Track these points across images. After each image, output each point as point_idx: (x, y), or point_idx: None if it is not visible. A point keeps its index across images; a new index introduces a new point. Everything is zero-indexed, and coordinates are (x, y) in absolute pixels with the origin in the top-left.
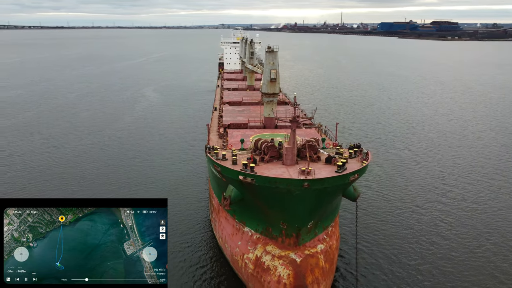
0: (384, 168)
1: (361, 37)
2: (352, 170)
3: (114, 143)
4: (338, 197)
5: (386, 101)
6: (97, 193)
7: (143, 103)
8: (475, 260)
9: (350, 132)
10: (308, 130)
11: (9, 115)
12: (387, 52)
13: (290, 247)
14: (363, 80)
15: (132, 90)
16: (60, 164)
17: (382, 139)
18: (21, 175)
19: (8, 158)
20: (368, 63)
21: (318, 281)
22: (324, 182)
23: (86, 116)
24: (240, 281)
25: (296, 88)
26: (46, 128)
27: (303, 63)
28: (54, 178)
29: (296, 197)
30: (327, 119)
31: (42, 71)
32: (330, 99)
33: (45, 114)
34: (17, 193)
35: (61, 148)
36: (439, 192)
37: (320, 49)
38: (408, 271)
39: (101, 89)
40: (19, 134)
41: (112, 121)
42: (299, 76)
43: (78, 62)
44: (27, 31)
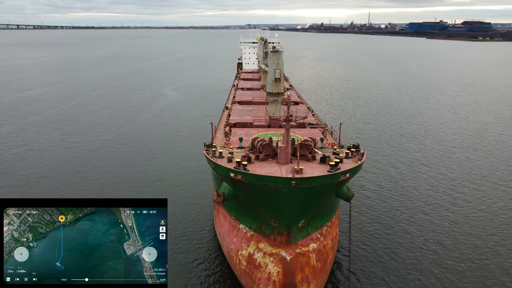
0: (395, 169)
1: (388, 38)
2: (342, 170)
3: (115, 143)
4: (330, 197)
5: (405, 102)
6: (97, 193)
7: (161, 102)
8: (476, 261)
9: (364, 133)
10: (312, 130)
11: (31, 113)
12: (413, 52)
13: (282, 245)
14: (384, 81)
15: (153, 89)
16: (60, 164)
17: (396, 140)
18: (21, 175)
19: (8, 158)
20: (392, 64)
21: (308, 279)
22: (312, 181)
23: (96, 116)
24: (235, 277)
25: (315, 88)
26: (51, 130)
27: (325, 63)
28: (54, 178)
29: (284, 195)
30: (343, 119)
31: (70, 70)
32: (348, 99)
33: (66, 112)
34: (17, 193)
35: (61, 148)
36: (449, 196)
37: (344, 49)
38: (405, 273)
39: (122, 88)
40: (26, 133)
41: (123, 121)
42: (320, 77)
43: (104, 62)
44: (59, 31)
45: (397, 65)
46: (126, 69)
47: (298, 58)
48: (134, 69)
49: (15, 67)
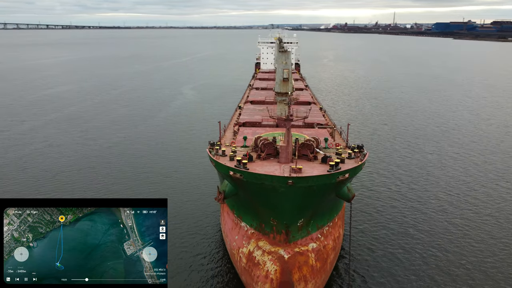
0: (407, 171)
1: (413, 38)
2: (341, 170)
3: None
4: (330, 197)
5: (424, 104)
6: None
7: (178, 101)
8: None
9: (379, 134)
10: (320, 130)
11: (45, 112)
12: (438, 53)
13: (281, 243)
14: (404, 82)
15: (171, 88)
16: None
17: (411, 141)
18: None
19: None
20: (414, 64)
21: (305, 279)
22: (309, 180)
23: (111, 115)
24: (237, 274)
25: (333, 88)
26: (57, 130)
27: (346, 63)
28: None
29: (281, 194)
30: (359, 120)
31: (93, 68)
32: (366, 100)
33: (82, 111)
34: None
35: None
36: (461, 200)
37: (366, 49)
38: (406, 279)
39: (142, 87)
40: (31, 133)
41: (137, 120)
42: (339, 77)
43: (126, 61)
44: (86, 31)
45: (420, 65)
46: (148, 68)
47: (318, 58)
48: (155, 68)
49: (41, 66)
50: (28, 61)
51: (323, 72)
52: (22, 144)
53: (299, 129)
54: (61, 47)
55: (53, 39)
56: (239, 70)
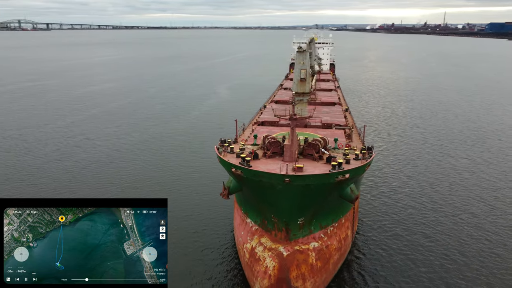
0: (436, 176)
1: (464, 39)
2: (340, 170)
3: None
4: (333, 197)
5: (465, 107)
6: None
7: (211, 99)
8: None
9: (409, 137)
10: (336, 131)
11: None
12: (489, 54)
13: (281, 241)
14: (447, 84)
15: (207, 87)
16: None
17: (443, 145)
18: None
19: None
20: (461, 66)
21: (304, 277)
22: (305, 179)
23: (140, 113)
24: (242, 269)
25: (369, 89)
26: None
27: (387, 64)
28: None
29: (279, 191)
30: (390, 122)
31: (136, 67)
32: (402, 102)
33: (107, 110)
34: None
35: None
36: (489, 206)
37: (412, 50)
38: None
39: (179, 85)
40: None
41: (165, 118)
42: (377, 78)
43: (169, 60)
44: (135, 31)
45: (466, 68)
46: (188, 67)
47: (359, 59)
48: (195, 67)
49: (89, 64)
50: (77, 60)
51: (362, 73)
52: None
53: (315, 129)
54: (109, 46)
55: (103, 39)
56: (277, 70)
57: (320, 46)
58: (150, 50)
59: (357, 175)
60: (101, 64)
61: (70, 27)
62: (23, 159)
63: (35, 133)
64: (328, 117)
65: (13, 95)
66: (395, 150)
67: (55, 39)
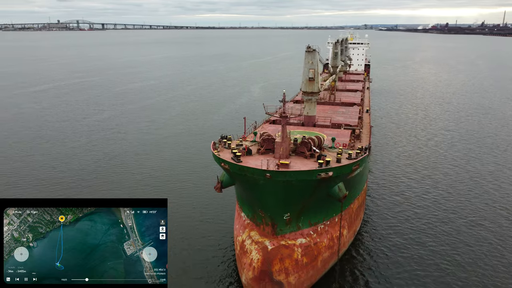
0: (463, 181)
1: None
2: (323, 168)
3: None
4: (320, 195)
5: (506, 113)
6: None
7: (242, 98)
8: None
9: (436, 140)
10: (343, 131)
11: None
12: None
13: (268, 235)
14: (493, 88)
15: (242, 86)
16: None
17: (473, 149)
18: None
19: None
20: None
21: (287, 271)
22: (286, 174)
23: (160, 112)
24: None
25: (405, 91)
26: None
27: (432, 66)
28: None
29: (263, 186)
30: (419, 124)
31: (178, 65)
32: (437, 105)
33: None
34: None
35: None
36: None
37: (463, 51)
38: None
39: (216, 84)
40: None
41: (188, 117)
42: (418, 80)
43: (212, 59)
44: (184, 31)
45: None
46: (229, 66)
47: (403, 60)
48: (236, 66)
49: (135, 62)
50: (124, 58)
51: (403, 74)
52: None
53: (321, 128)
54: (156, 45)
55: (151, 38)
56: None
57: (354, 46)
58: (196, 49)
59: (343, 173)
60: (145, 63)
61: (124, 27)
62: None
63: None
64: (341, 118)
65: (60, 91)
66: (418, 152)
67: (106, 39)
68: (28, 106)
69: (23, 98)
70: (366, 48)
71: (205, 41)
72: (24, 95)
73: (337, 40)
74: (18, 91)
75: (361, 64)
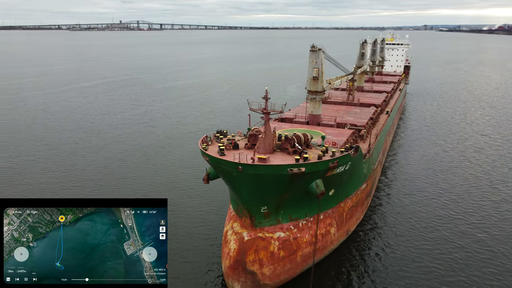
0: (485, 189)
1: None
2: (296, 163)
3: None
4: (298, 190)
5: None
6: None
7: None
8: None
9: (467, 144)
10: (345, 131)
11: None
12: None
13: (247, 227)
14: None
15: (279, 85)
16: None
17: (506, 156)
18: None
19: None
20: None
21: (261, 262)
22: (257, 168)
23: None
24: None
25: (449, 94)
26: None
27: (486, 69)
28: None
29: (236, 179)
30: (453, 128)
31: (223, 64)
32: (479, 109)
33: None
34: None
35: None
36: None
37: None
38: None
39: (252, 83)
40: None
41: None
42: (465, 82)
43: (257, 59)
44: (238, 31)
45: None
46: (272, 66)
47: (456, 62)
48: (279, 66)
49: (182, 61)
50: (173, 57)
51: (451, 76)
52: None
53: (324, 127)
54: (207, 45)
55: (204, 38)
56: None
57: (394, 47)
58: (244, 49)
59: (318, 170)
60: (192, 61)
61: (180, 27)
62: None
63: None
64: (351, 118)
65: (108, 86)
66: (442, 155)
67: (161, 39)
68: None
69: (72, 93)
70: (406, 49)
71: (257, 41)
72: (74, 90)
73: (365, 40)
74: (70, 86)
75: (400, 65)
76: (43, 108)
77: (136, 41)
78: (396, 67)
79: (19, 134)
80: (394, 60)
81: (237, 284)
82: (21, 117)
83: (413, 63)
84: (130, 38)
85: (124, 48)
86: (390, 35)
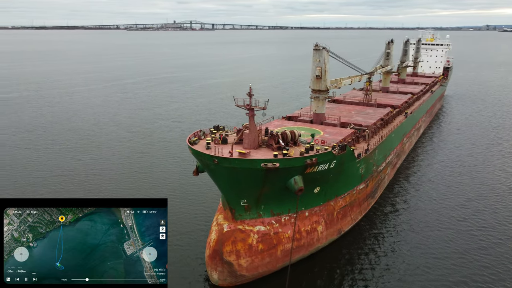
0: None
1: None
2: (271, 158)
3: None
4: (275, 185)
5: None
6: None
7: (302, 98)
8: None
9: (492, 151)
10: (346, 130)
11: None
12: None
13: (229, 219)
14: None
15: (306, 85)
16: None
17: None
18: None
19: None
20: None
21: (239, 254)
22: (231, 161)
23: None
24: None
25: (494, 97)
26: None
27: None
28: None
29: (214, 171)
30: (486, 134)
31: (263, 64)
32: (487, 108)
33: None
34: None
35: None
36: None
37: None
38: None
39: (288, 83)
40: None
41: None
42: (481, 83)
43: (298, 59)
44: (288, 31)
45: None
46: (309, 66)
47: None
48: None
49: (223, 60)
50: (217, 56)
51: (502, 79)
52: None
53: (324, 126)
54: (253, 45)
55: (252, 38)
56: None
57: (433, 47)
58: (287, 49)
59: (293, 166)
60: (233, 61)
61: (231, 27)
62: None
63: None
64: (360, 118)
65: (148, 84)
66: (465, 160)
67: (212, 38)
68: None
69: (115, 88)
70: (447, 49)
71: (305, 41)
72: (117, 86)
73: (391, 40)
74: (114, 83)
75: (439, 66)
76: (71, 105)
77: (187, 41)
78: (434, 68)
79: (33, 133)
80: (433, 61)
81: (215, 273)
82: (41, 115)
83: (461, 64)
84: (181, 38)
85: (174, 47)
86: (430, 35)
